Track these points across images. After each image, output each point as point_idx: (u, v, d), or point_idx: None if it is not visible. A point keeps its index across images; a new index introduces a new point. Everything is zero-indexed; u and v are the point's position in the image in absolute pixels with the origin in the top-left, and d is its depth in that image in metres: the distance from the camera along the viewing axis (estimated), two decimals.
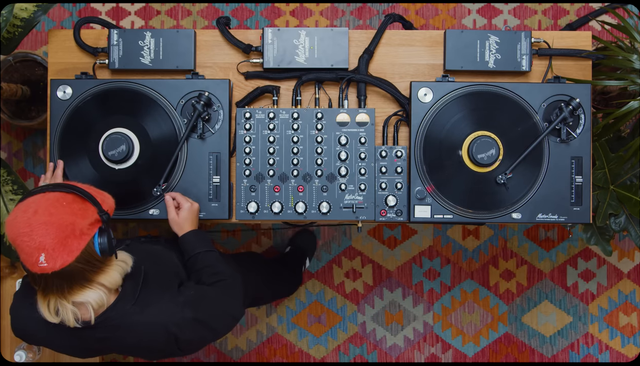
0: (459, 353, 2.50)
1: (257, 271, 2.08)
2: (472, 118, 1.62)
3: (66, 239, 1.17)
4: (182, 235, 1.53)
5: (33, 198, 1.20)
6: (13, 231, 1.18)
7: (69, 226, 1.17)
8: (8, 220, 1.20)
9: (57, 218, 1.17)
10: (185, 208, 1.54)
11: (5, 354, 1.88)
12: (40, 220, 1.16)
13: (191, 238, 1.53)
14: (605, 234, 1.92)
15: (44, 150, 2.44)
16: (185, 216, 1.54)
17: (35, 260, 1.16)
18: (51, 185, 1.23)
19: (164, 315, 1.32)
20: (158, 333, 1.31)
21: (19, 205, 1.21)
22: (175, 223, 1.55)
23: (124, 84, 1.64)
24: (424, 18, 2.49)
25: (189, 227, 1.54)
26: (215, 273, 1.48)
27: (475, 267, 2.49)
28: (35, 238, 1.15)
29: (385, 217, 1.64)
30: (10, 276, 1.90)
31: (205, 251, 1.51)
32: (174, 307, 1.33)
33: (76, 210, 1.20)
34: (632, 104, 1.67)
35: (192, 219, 1.55)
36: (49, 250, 1.15)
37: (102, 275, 1.24)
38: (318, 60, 1.67)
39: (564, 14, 2.49)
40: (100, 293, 1.24)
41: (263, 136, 1.64)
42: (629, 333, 2.50)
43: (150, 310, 1.31)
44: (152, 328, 1.31)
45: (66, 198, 1.21)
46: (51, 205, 1.18)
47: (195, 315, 1.34)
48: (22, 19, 1.70)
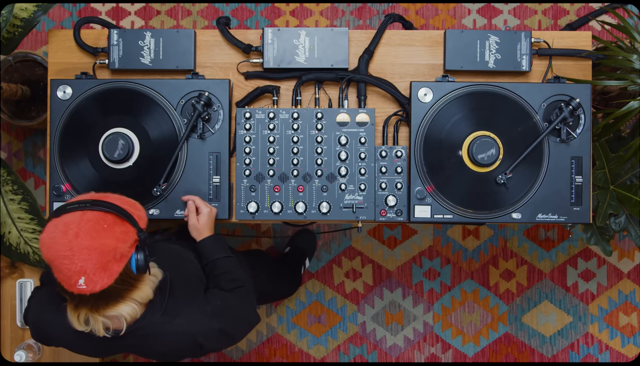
0: (459, 353, 2.50)
1: (263, 269, 2.09)
2: (472, 118, 1.62)
3: (107, 264, 1.16)
4: (200, 240, 1.53)
5: (72, 218, 1.17)
6: (51, 252, 1.15)
7: (111, 251, 1.16)
8: (45, 239, 1.17)
9: (99, 243, 1.15)
10: (205, 213, 1.54)
11: (5, 354, 1.88)
12: (82, 244, 1.14)
13: (210, 243, 1.53)
14: (605, 234, 1.92)
15: (44, 150, 2.44)
16: (204, 221, 1.54)
17: (74, 282, 1.15)
18: (89, 203, 1.19)
19: (193, 325, 1.32)
20: (186, 342, 1.32)
21: (56, 222, 1.17)
22: (195, 229, 1.54)
23: (124, 84, 1.64)
24: (424, 18, 2.49)
25: (207, 232, 1.54)
26: (234, 279, 1.49)
27: (475, 267, 2.49)
28: (76, 263, 1.13)
29: (385, 217, 1.64)
30: (10, 276, 1.90)
31: (224, 257, 1.51)
32: (202, 318, 1.34)
33: (118, 234, 1.18)
34: (632, 104, 1.67)
35: (210, 224, 1.55)
36: (90, 274, 1.14)
37: (135, 291, 1.24)
38: (318, 60, 1.67)
39: (564, 14, 2.49)
40: (134, 307, 1.24)
41: (263, 136, 1.64)
42: (629, 333, 2.50)
43: (179, 320, 1.32)
44: (180, 338, 1.32)
45: (106, 219, 1.18)
46: (92, 228, 1.15)
47: (221, 325, 1.35)
48: (22, 19, 1.70)
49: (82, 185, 1.63)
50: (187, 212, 1.56)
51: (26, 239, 1.79)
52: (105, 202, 1.20)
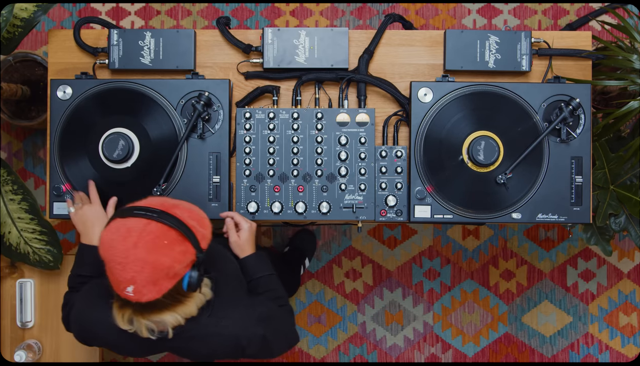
0: (459, 353, 2.50)
1: None
2: (472, 118, 1.62)
3: (159, 280, 1.15)
4: (244, 258, 1.52)
5: (135, 224, 1.16)
6: (108, 254, 1.15)
7: (164, 269, 1.15)
8: (105, 238, 1.16)
9: (154, 259, 1.14)
10: (245, 228, 1.53)
11: (5, 354, 1.88)
12: (138, 255, 1.13)
13: (254, 261, 1.52)
14: (605, 234, 1.92)
15: (44, 150, 2.44)
16: (246, 237, 1.53)
17: (122, 287, 1.15)
18: (156, 213, 1.17)
19: (238, 328, 1.32)
20: (230, 345, 1.32)
21: (119, 224, 1.17)
22: (237, 246, 1.53)
23: (124, 84, 1.64)
24: (424, 18, 2.49)
25: (250, 249, 1.53)
26: (278, 297, 1.49)
27: (475, 267, 2.49)
28: (128, 271, 1.13)
29: (385, 217, 1.64)
30: (10, 276, 1.90)
31: (268, 275, 1.51)
32: (248, 321, 1.33)
33: (176, 254, 1.17)
34: (632, 104, 1.67)
35: (252, 239, 1.54)
36: (139, 285, 1.14)
37: (180, 306, 1.23)
38: (318, 60, 1.67)
39: (564, 14, 2.49)
40: (177, 317, 1.23)
41: (263, 136, 1.64)
42: (629, 333, 2.50)
43: (225, 322, 1.31)
44: (225, 340, 1.31)
45: (169, 235, 1.17)
46: (152, 242, 1.14)
47: (265, 333, 1.34)
48: (22, 19, 1.70)
49: (82, 185, 1.63)
50: (226, 229, 1.55)
51: (26, 239, 1.79)
52: (172, 217, 1.18)
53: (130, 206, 1.21)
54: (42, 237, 1.79)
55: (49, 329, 1.89)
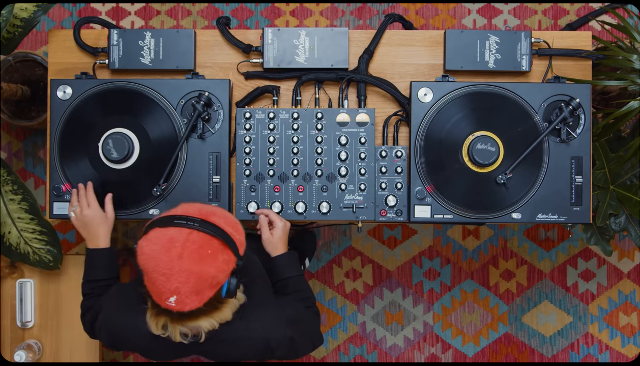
0: (459, 353, 2.50)
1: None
2: (472, 118, 1.62)
3: (202, 290, 1.15)
4: (276, 256, 1.52)
5: (177, 234, 1.14)
6: (150, 265, 1.13)
7: (209, 279, 1.14)
8: (146, 250, 1.14)
9: (200, 269, 1.13)
10: (280, 227, 1.53)
11: (5, 354, 1.88)
12: (183, 266, 1.12)
13: (285, 261, 1.52)
14: (605, 234, 1.92)
15: (44, 150, 2.44)
16: (279, 236, 1.53)
17: (165, 298, 1.14)
18: (197, 222, 1.16)
19: (268, 330, 1.31)
20: (259, 348, 1.31)
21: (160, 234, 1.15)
22: (269, 243, 1.53)
23: (124, 84, 1.64)
24: (424, 18, 2.49)
25: (282, 248, 1.53)
26: (306, 298, 1.49)
27: (475, 267, 2.49)
28: (173, 283, 1.12)
29: (385, 217, 1.64)
30: (10, 276, 1.90)
31: (297, 275, 1.51)
32: (277, 323, 1.33)
33: (220, 263, 1.16)
34: (632, 104, 1.67)
35: (285, 239, 1.54)
36: (182, 296, 1.13)
37: (217, 312, 1.23)
38: (318, 60, 1.67)
39: (564, 14, 2.49)
40: (213, 322, 1.23)
41: (263, 136, 1.64)
42: (629, 333, 2.50)
43: (256, 325, 1.31)
44: (255, 343, 1.31)
45: (212, 244, 1.16)
46: (196, 252, 1.13)
47: (293, 335, 1.34)
48: (22, 19, 1.70)
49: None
50: (260, 226, 1.55)
51: (26, 239, 1.79)
52: (213, 225, 1.17)
53: (168, 215, 1.18)
54: (42, 237, 1.79)
55: (49, 329, 1.89)
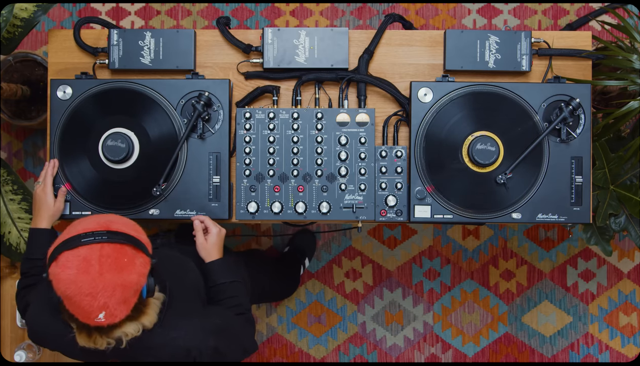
0: (459, 353, 2.50)
1: (263, 269, 2.08)
2: (472, 118, 1.62)
3: (129, 298, 1.15)
4: (209, 262, 1.52)
5: (89, 252, 1.13)
6: (71, 289, 1.12)
7: (133, 285, 1.15)
8: (62, 275, 1.13)
9: (123, 279, 1.13)
10: (214, 233, 1.54)
11: (5, 354, 1.88)
12: (106, 281, 1.11)
13: (219, 267, 1.52)
14: (605, 234, 1.92)
15: (44, 150, 2.44)
16: (213, 241, 1.53)
17: (93, 316, 1.14)
18: (104, 235, 1.16)
19: (189, 340, 1.31)
20: (180, 355, 1.31)
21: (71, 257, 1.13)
22: (203, 249, 1.53)
23: (124, 84, 1.64)
24: (424, 18, 2.49)
25: (216, 254, 1.53)
26: (237, 305, 1.49)
27: (475, 267, 2.49)
28: (99, 300, 1.12)
29: (385, 217, 1.64)
30: (10, 276, 1.90)
31: (230, 282, 1.51)
32: (199, 333, 1.32)
33: (139, 267, 1.17)
34: (632, 104, 1.67)
35: (219, 245, 1.55)
36: (111, 309, 1.13)
37: (144, 316, 1.23)
38: (318, 60, 1.67)
39: (564, 14, 2.49)
40: (139, 326, 1.23)
41: (263, 136, 1.64)
42: (629, 333, 2.50)
43: (176, 333, 1.30)
44: (174, 350, 1.31)
45: (125, 252, 1.16)
46: (114, 264, 1.13)
47: (217, 344, 1.34)
48: (22, 19, 1.70)
49: (82, 185, 1.63)
50: (195, 231, 1.55)
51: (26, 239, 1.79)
52: (118, 233, 1.18)
53: (71, 236, 1.16)
54: None
55: None
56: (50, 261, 1.16)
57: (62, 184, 1.63)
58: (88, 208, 1.64)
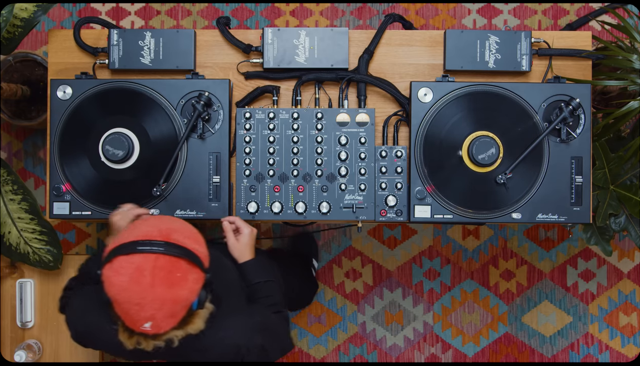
0: (459, 353, 2.50)
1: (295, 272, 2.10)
2: (472, 118, 1.62)
3: (177, 312, 1.15)
4: (243, 262, 1.52)
5: (143, 261, 1.12)
6: (121, 297, 1.12)
7: (183, 301, 1.15)
8: (113, 280, 1.12)
9: (173, 294, 1.13)
10: (246, 233, 1.53)
11: (5, 354, 1.88)
12: (156, 294, 1.11)
13: (253, 267, 1.52)
14: (605, 234, 1.92)
15: (44, 150, 2.44)
16: (246, 241, 1.53)
17: (139, 324, 1.13)
18: (161, 246, 1.14)
19: (237, 338, 1.32)
20: (229, 354, 1.31)
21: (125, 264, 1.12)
22: (235, 249, 1.53)
23: (124, 84, 1.64)
24: (424, 18, 2.49)
25: (249, 254, 1.53)
26: (274, 304, 1.49)
27: (475, 267, 2.49)
28: (147, 311, 1.11)
29: (385, 217, 1.64)
30: (10, 276, 1.90)
31: (265, 281, 1.51)
32: (247, 331, 1.33)
33: (191, 284, 1.16)
34: (632, 104, 1.67)
35: (252, 245, 1.54)
36: (158, 321, 1.13)
37: (189, 325, 1.23)
38: (318, 60, 1.67)
39: (564, 14, 2.49)
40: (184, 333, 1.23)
41: (263, 136, 1.64)
42: (629, 333, 2.50)
43: (225, 332, 1.31)
44: (224, 349, 1.31)
45: (180, 267, 1.15)
46: (166, 278, 1.12)
47: (263, 342, 1.34)
48: (22, 19, 1.70)
49: (82, 185, 1.63)
50: (225, 233, 1.55)
51: (26, 239, 1.79)
52: (176, 246, 1.16)
53: (130, 241, 1.15)
54: (42, 237, 1.79)
55: (49, 329, 1.89)
56: (105, 262, 1.16)
57: (62, 184, 1.63)
58: (88, 208, 1.64)
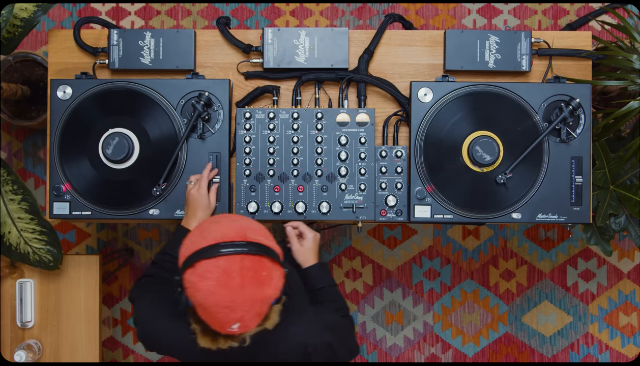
0: (459, 353, 2.50)
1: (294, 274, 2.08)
2: (472, 118, 1.62)
3: (264, 310, 1.16)
4: (308, 267, 1.52)
5: (229, 264, 1.11)
6: (210, 301, 1.11)
7: (269, 300, 1.15)
8: (200, 285, 1.11)
9: (262, 294, 1.13)
10: (310, 238, 1.54)
11: (5, 354, 1.88)
12: (246, 295, 1.11)
13: (317, 271, 1.52)
14: (605, 234, 1.92)
15: (44, 150, 2.44)
16: (310, 246, 1.53)
17: (227, 327, 1.13)
18: (244, 246, 1.13)
19: (306, 335, 1.31)
20: (297, 352, 1.30)
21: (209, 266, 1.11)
22: (300, 254, 1.53)
23: (124, 84, 1.64)
24: (424, 18, 2.49)
25: (314, 259, 1.53)
26: (340, 308, 1.49)
27: (475, 267, 2.49)
28: (237, 312, 1.11)
29: (385, 217, 1.64)
30: (10, 276, 1.90)
31: (331, 285, 1.51)
32: (315, 329, 1.32)
33: (276, 281, 1.16)
34: (632, 104, 1.67)
35: (316, 249, 1.55)
36: (246, 321, 1.13)
37: (268, 321, 1.22)
38: (318, 60, 1.67)
39: (564, 14, 2.49)
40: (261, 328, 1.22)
41: (263, 136, 1.64)
42: (629, 333, 2.50)
43: (294, 329, 1.30)
44: (293, 347, 1.30)
45: (264, 265, 1.14)
46: (254, 278, 1.12)
47: (331, 340, 1.33)
48: (22, 19, 1.70)
49: (82, 185, 1.63)
50: (289, 238, 1.55)
51: (26, 239, 1.79)
52: (257, 244, 1.15)
53: (209, 245, 1.13)
54: (42, 237, 1.79)
55: (49, 329, 1.89)
56: (186, 267, 1.14)
57: (62, 184, 1.63)
58: (88, 208, 1.64)
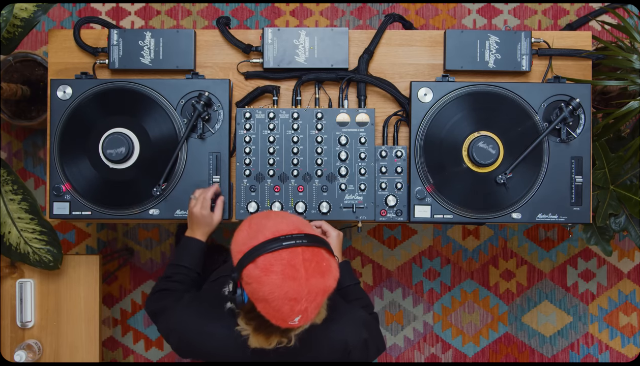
0: (459, 353, 2.50)
1: None
2: (472, 118, 1.62)
3: (322, 301, 1.15)
4: None
5: (292, 256, 1.11)
6: (276, 294, 1.10)
7: (329, 290, 1.15)
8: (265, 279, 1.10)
9: (325, 284, 1.13)
10: (334, 236, 1.53)
11: (5, 354, 1.88)
12: (311, 287, 1.11)
13: (343, 269, 1.49)
14: (605, 234, 1.92)
15: (44, 150, 2.44)
16: (334, 244, 1.52)
17: (289, 320, 1.12)
18: (304, 238, 1.14)
19: (346, 333, 1.31)
20: (338, 350, 1.30)
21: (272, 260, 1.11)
22: None
23: (124, 84, 1.64)
24: (424, 18, 2.49)
25: (338, 257, 1.52)
26: (366, 306, 1.49)
27: (475, 267, 2.49)
28: (302, 304, 1.11)
29: (385, 217, 1.64)
30: (10, 276, 1.90)
31: (356, 283, 1.52)
32: (354, 326, 1.32)
33: (334, 272, 1.16)
34: (632, 104, 1.67)
35: (339, 247, 1.54)
36: (308, 312, 1.13)
37: (318, 315, 1.22)
38: (318, 60, 1.67)
39: (564, 14, 2.49)
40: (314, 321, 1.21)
41: (263, 136, 1.64)
42: (629, 333, 2.50)
43: (334, 326, 1.30)
44: (335, 345, 1.30)
45: (323, 255, 1.15)
46: (317, 268, 1.12)
47: (368, 337, 1.33)
48: (22, 19, 1.70)
49: (82, 185, 1.63)
50: None
51: (26, 239, 1.79)
52: (314, 236, 1.16)
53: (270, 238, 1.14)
54: (42, 237, 1.79)
55: (49, 329, 1.89)
56: (246, 263, 1.13)
57: (62, 184, 1.63)
58: (88, 208, 1.64)
